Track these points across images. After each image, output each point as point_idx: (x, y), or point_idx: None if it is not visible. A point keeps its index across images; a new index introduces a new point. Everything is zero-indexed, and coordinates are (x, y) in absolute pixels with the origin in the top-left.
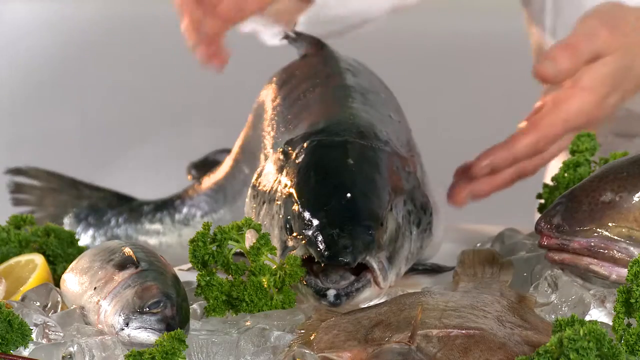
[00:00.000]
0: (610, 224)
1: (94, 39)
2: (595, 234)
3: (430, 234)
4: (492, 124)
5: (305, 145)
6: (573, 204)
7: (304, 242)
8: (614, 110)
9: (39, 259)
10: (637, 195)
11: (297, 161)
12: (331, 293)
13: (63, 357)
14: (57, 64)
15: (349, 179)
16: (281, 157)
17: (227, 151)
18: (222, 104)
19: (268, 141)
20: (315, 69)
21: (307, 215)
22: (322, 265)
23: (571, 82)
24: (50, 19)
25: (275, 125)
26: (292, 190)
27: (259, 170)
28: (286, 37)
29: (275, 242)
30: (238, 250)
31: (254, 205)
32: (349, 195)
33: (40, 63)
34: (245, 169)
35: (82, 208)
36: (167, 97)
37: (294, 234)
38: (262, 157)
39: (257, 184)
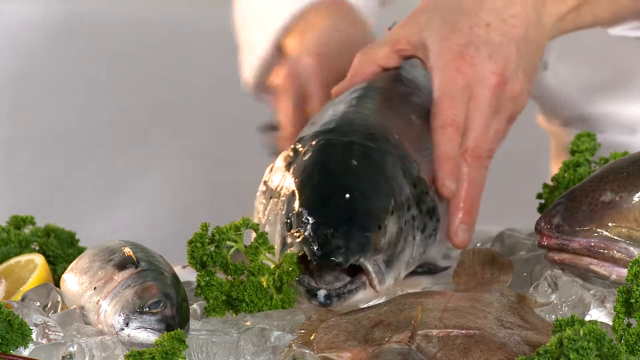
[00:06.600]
0: (610, 224)
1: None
2: (595, 234)
3: (435, 240)
4: None
5: (313, 143)
6: (573, 204)
7: (299, 239)
8: (507, 130)
9: (39, 259)
10: (637, 195)
11: (303, 159)
12: (321, 293)
13: (63, 357)
14: (49, 61)
15: (350, 179)
16: (291, 154)
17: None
18: (217, 104)
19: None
20: None
21: (304, 213)
22: (316, 264)
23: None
24: (40, 15)
25: (308, 123)
26: (295, 188)
27: (270, 166)
28: None
29: (278, 238)
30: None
31: (262, 200)
32: (347, 196)
33: (31, 59)
34: None
35: None
36: (166, 96)
37: (292, 231)
38: None
39: (268, 180)
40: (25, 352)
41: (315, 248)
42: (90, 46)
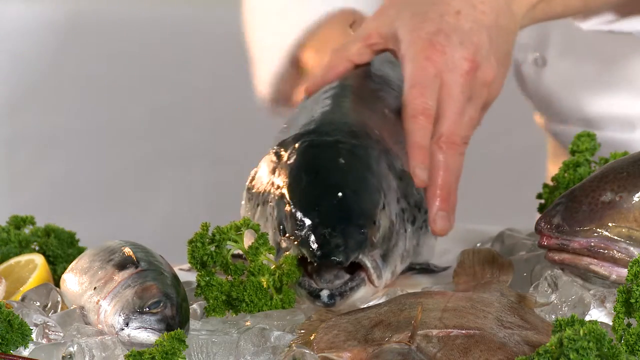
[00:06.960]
0: (610, 224)
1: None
2: (595, 234)
3: (427, 231)
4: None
5: (296, 146)
6: (573, 204)
7: (296, 242)
8: (481, 117)
9: (39, 259)
10: (637, 195)
11: (288, 162)
12: (324, 293)
13: (63, 357)
14: (55, 63)
15: (340, 178)
16: (273, 158)
17: None
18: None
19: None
20: None
21: (298, 215)
22: (316, 265)
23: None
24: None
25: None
26: (284, 192)
27: (252, 172)
28: None
29: (271, 244)
30: (236, 251)
31: (249, 207)
32: (340, 194)
33: (37, 62)
34: None
35: None
36: (166, 97)
37: (287, 235)
38: None
39: (251, 187)
40: (25, 352)
41: (314, 249)
42: (90, 46)
